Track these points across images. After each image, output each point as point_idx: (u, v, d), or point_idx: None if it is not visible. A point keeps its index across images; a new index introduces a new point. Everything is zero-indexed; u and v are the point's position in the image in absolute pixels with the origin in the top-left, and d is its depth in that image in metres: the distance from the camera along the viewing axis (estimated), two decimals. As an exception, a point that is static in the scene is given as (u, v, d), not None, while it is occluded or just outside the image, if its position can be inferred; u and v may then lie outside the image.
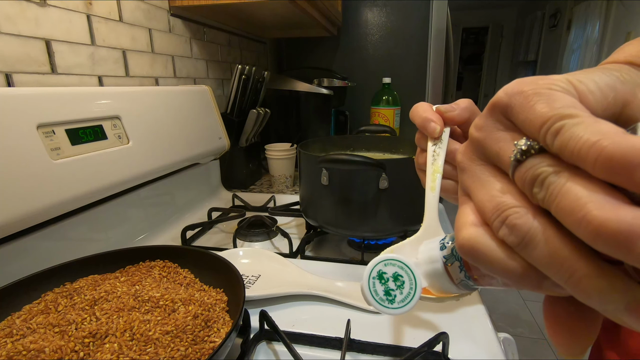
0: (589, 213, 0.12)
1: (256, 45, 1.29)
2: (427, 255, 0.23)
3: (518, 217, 0.15)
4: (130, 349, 0.31)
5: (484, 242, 0.16)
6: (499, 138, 0.16)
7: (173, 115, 0.70)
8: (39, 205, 0.43)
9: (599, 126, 0.13)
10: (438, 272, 0.22)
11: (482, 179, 0.17)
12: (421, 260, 0.23)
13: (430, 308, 0.46)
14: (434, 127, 0.28)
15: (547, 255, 0.14)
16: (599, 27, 3.19)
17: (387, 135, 0.73)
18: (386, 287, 0.24)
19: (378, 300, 0.24)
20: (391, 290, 0.24)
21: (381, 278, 0.24)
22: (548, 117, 0.14)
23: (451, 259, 0.21)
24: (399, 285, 0.24)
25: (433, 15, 1.24)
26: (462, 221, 0.17)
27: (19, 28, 0.50)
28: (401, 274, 0.24)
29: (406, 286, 0.23)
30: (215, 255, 0.45)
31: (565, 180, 0.13)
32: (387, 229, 0.56)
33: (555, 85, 0.15)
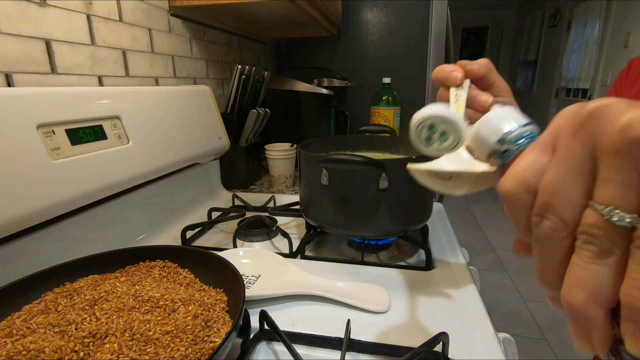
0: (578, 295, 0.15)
1: (256, 45, 1.29)
2: (485, 135, 0.22)
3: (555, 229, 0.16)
4: (130, 349, 0.31)
5: (518, 208, 0.17)
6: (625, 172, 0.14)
7: (173, 115, 0.70)
8: (39, 205, 0.43)
9: None
10: (481, 150, 0.22)
11: (575, 168, 0.16)
12: (477, 132, 0.23)
13: (430, 308, 0.46)
14: (457, 75, 0.32)
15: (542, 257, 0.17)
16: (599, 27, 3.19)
17: (387, 135, 0.73)
18: (430, 135, 0.26)
19: (418, 140, 0.26)
20: (433, 139, 0.26)
21: (431, 128, 0.26)
22: None
23: (498, 156, 0.21)
24: (442, 140, 0.26)
25: (433, 15, 1.24)
26: (522, 173, 0.17)
27: (19, 28, 0.50)
28: (449, 135, 0.25)
29: (446, 144, 0.25)
30: (215, 255, 0.45)
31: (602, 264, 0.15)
32: (387, 229, 0.56)
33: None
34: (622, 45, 2.90)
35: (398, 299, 0.47)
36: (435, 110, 0.26)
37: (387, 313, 0.45)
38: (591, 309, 0.15)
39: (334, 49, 1.38)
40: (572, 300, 0.15)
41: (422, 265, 0.56)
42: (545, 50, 4.38)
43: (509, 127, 0.21)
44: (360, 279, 0.53)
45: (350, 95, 1.36)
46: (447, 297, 0.48)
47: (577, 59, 3.59)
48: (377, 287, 0.49)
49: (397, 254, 0.62)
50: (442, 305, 0.46)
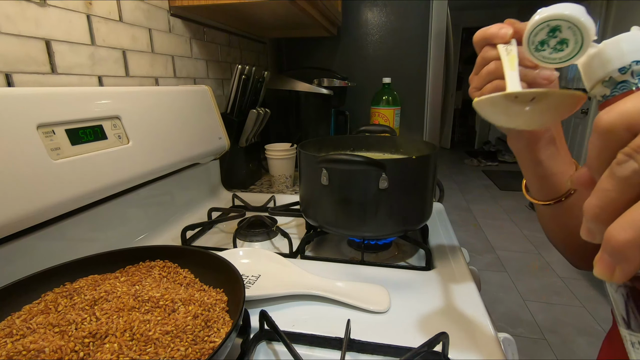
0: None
1: (256, 45, 1.29)
2: (609, 55, 0.20)
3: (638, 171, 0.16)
4: (130, 349, 0.31)
5: (612, 141, 0.17)
6: None
7: (173, 115, 0.70)
8: (39, 205, 0.43)
9: None
10: (594, 76, 0.21)
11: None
12: (602, 49, 0.21)
13: (430, 308, 0.46)
14: (506, 31, 0.31)
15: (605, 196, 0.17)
16: (599, 27, 3.19)
17: (387, 135, 0.73)
18: (546, 39, 0.23)
19: (529, 40, 0.23)
20: (548, 46, 0.23)
21: (553, 31, 0.23)
22: None
23: (611, 84, 0.20)
24: (556, 49, 0.23)
25: (433, 15, 1.24)
26: (632, 106, 0.17)
27: (19, 28, 0.50)
28: (570, 45, 0.22)
29: (559, 55, 0.22)
30: (215, 255, 0.45)
31: None
32: (387, 229, 0.56)
33: None
34: (622, 45, 2.89)
35: (398, 299, 0.47)
36: (573, 12, 0.22)
37: (387, 313, 0.45)
38: (633, 249, 0.16)
39: (334, 49, 1.38)
40: (618, 236, 0.16)
41: (422, 265, 0.56)
42: (545, 50, 4.37)
43: (619, 67, 0.20)
44: (360, 279, 0.53)
45: (350, 95, 1.36)
46: (447, 297, 0.48)
47: (577, 59, 3.58)
48: (377, 287, 0.49)
49: (397, 254, 0.62)
50: (442, 305, 0.46)
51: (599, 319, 1.78)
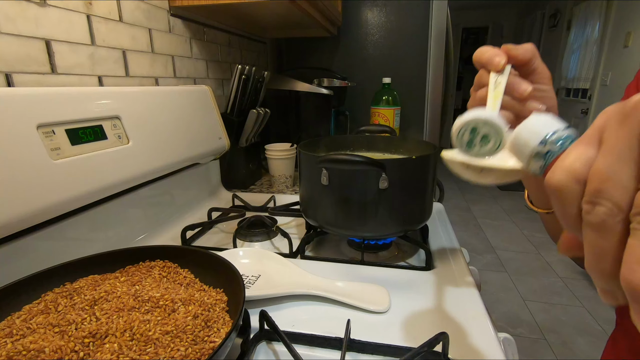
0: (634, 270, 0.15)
1: (256, 45, 1.29)
2: (526, 137, 0.23)
3: (608, 214, 0.16)
4: (130, 349, 0.31)
5: (569, 199, 0.17)
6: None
7: (173, 115, 0.70)
8: (39, 205, 0.43)
9: None
10: (522, 155, 0.23)
11: (625, 156, 0.16)
12: (519, 135, 0.23)
13: (430, 308, 0.46)
14: (499, 60, 0.31)
15: (596, 245, 0.16)
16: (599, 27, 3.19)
17: (387, 135, 0.73)
18: (472, 138, 0.26)
19: (458, 142, 0.27)
20: (474, 143, 0.26)
21: (473, 131, 0.26)
22: None
23: (539, 158, 0.22)
24: (483, 143, 0.26)
25: (433, 15, 1.24)
26: (570, 164, 0.18)
27: (19, 28, 0.50)
28: (491, 139, 0.25)
29: (489, 146, 0.25)
30: (215, 255, 0.45)
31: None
32: (387, 229, 0.56)
33: None
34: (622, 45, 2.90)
35: (398, 299, 0.47)
36: (478, 114, 0.26)
37: (387, 313, 0.45)
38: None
39: (334, 49, 1.38)
40: (634, 278, 0.15)
41: (422, 265, 0.56)
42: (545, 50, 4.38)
43: (551, 129, 0.22)
44: (360, 279, 0.53)
45: (350, 95, 1.36)
46: (447, 297, 0.48)
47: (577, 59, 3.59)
48: (377, 287, 0.49)
49: (397, 254, 0.62)
50: (442, 305, 0.46)
51: (599, 319, 1.78)
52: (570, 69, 3.72)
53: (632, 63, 2.73)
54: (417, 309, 0.46)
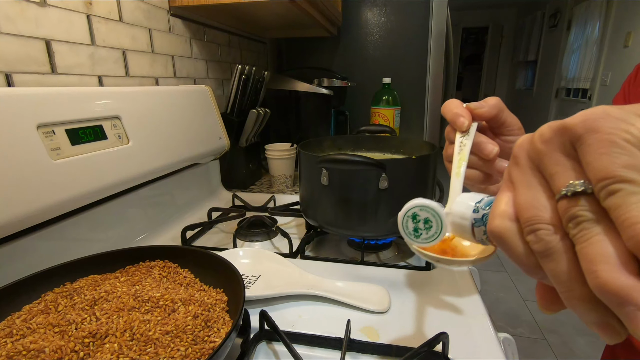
0: (600, 271, 0.14)
1: (256, 45, 1.29)
2: (460, 211, 0.25)
3: (547, 234, 0.17)
4: (130, 349, 0.31)
5: (512, 237, 0.19)
6: (559, 162, 0.17)
7: (173, 115, 0.70)
8: (39, 205, 0.43)
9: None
10: (465, 229, 0.25)
11: (531, 183, 0.18)
12: (454, 211, 0.26)
13: (430, 308, 0.46)
14: (463, 121, 0.31)
15: (558, 271, 0.17)
16: (599, 27, 3.19)
17: (387, 135, 0.73)
18: (416, 226, 0.28)
19: (406, 233, 0.28)
20: (419, 229, 0.28)
21: (414, 218, 0.28)
22: (610, 175, 0.15)
23: (479, 223, 0.24)
24: (427, 227, 0.28)
25: (433, 15, 1.24)
26: (500, 209, 0.20)
27: (19, 28, 0.50)
28: (432, 220, 0.27)
29: (433, 229, 0.27)
30: (215, 255, 0.45)
31: (598, 232, 0.15)
32: (387, 229, 0.56)
33: (632, 136, 0.15)
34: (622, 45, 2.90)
35: (398, 299, 0.47)
36: (412, 202, 0.28)
37: (387, 313, 0.45)
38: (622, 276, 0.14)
39: (334, 49, 1.38)
40: (602, 281, 0.15)
41: (422, 265, 0.56)
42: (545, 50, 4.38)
43: (477, 198, 0.25)
44: (360, 279, 0.53)
45: (350, 95, 1.36)
46: (447, 297, 0.48)
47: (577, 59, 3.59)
48: (377, 287, 0.49)
49: (397, 254, 0.62)
50: (442, 305, 0.46)
51: (599, 319, 1.78)
52: (570, 69, 3.72)
53: (632, 63, 2.73)
54: (417, 309, 0.46)
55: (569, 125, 0.17)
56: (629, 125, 0.15)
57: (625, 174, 0.15)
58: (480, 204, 0.25)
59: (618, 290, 0.14)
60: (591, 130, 0.16)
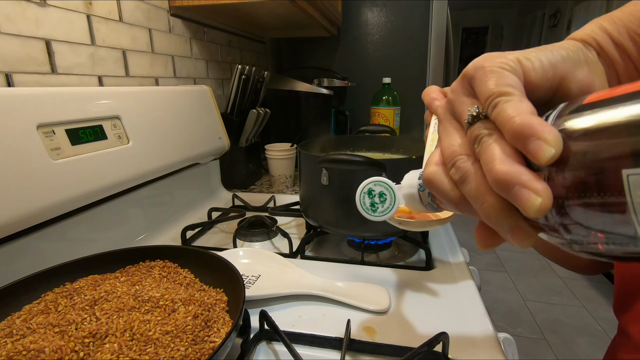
0: (494, 165, 0.18)
1: (256, 45, 1.29)
2: (408, 182, 0.29)
3: (462, 162, 0.21)
4: (130, 349, 0.31)
5: (438, 177, 0.23)
6: (463, 102, 0.22)
7: (173, 115, 0.70)
8: (39, 205, 0.43)
9: (520, 105, 0.18)
10: (413, 196, 0.28)
11: (449, 130, 0.23)
12: (403, 184, 0.29)
13: (430, 308, 0.46)
14: (438, 104, 0.33)
15: (472, 189, 0.20)
16: (599, 27, 3.18)
17: (387, 135, 0.73)
18: (372, 200, 0.31)
19: (364, 209, 0.32)
20: (375, 203, 0.31)
21: (370, 194, 0.31)
22: (492, 93, 0.19)
23: (423, 187, 0.27)
24: (382, 200, 0.31)
25: (433, 15, 1.24)
26: (430, 160, 0.24)
27: (19, 28, 0.50)
28: (385, 193, 0.31)
29: (387, 202, 0.31)
30: (215, 255, 0.45)
31: (492, 141, 0.19)
32: (387, 229, 0.56)
33: (506, 64, 0.20)
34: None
35: (398, 299, 0.47)
36: (368, 179, 0.31)
37: (387, 313, 0.45)
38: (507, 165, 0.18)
39: (334, 49, 1.38)
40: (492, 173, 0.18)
41: (422, 265, 0.56)
42: (545, 50, 4.36)
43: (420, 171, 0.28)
44: (360, 279, 0.53)
45: (350, 95, 1.36)
46: (447, 297, 0.48)
47: (577, 59, 3.58)
48: (377, 287, 0.49)
49: (397, 254, 0.62)
50: (442, 305, 0.46)
51: (599, 319, 1.78)
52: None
53: (632, 63, 2.73)
54: (417, 309, 0.46)
55: (464, 72, 0.22)
56: (504, 58, 0.20)
57: (502, 89, 0.19)
58: (420, 180, 0.28)
59: (505, 176, 0.17)
60: (478, 67, 0.21)
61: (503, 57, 0.20)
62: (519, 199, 0.17)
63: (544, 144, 0.16)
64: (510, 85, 0.19)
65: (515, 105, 0.18)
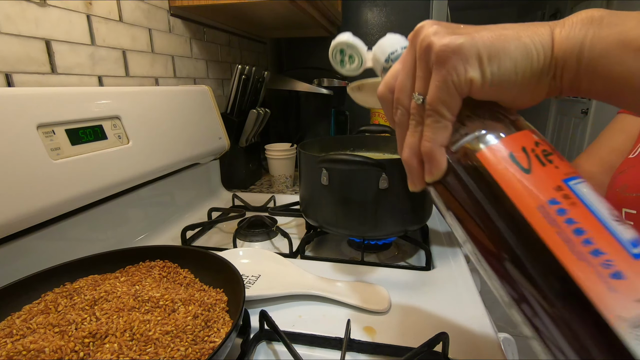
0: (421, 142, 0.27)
1: (256, 45, 1.29)
2: (377, 56, 0.32)
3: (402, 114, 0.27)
4: (130, 349, 0.31)
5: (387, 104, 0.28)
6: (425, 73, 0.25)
7: (173, 115, 0.70)
8: (39, 205, 0.43)
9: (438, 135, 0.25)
10: (377, 70, 0.34)
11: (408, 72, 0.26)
12: (374, 55, 0.33)
13: (430, 308, 0.46)
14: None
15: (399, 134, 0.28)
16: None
17: (387, 135, 0.73)
18: (342, 58, 0.36)
19: (334, 61, 0.37)
20: (344, 61, 0.36)
21: (342, 52, 0.36)
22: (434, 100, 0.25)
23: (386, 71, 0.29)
24: (350, 61, 0.36)
25: (433, 15, 1.24)
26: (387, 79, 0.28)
27: (19, 28, 0.50)
28: (355, 57, 0.35)
29: (355, 64, 0.36)
30: (215, 255, 0.45)
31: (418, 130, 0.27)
32: (387, 229, 0.56)
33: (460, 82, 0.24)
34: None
35: (398, 299, 0.47)
36: (342, 38, 0.35)
37: (387, 313, 0.45)
38: (412, 159, 0.27)
39: (334, 49, 1.37)
40: (404, 156, 0.27)
41: (422, 265, 0.56)
42: (545, 50, 4.36)
43: (393, 48, 0.30)
44: (360, 279, 0.53)
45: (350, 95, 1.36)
46: (447, 297, 0.48)
47: (577, 59, 3.58)
48: (377, 287, 0.49)
49: (397, 254, 0.62)
50: (442, 305, 0.46)
51: (599, 319, 1.78)
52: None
53: (632, 63, 2.73)
54: (417, 309, 0.46)
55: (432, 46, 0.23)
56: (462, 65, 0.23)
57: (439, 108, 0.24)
58: (393, 55, 0.30)
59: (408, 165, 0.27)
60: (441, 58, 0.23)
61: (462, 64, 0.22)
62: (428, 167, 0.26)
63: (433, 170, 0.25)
64: (447, 109, 0.24)
65: (435, 133, 0.24)
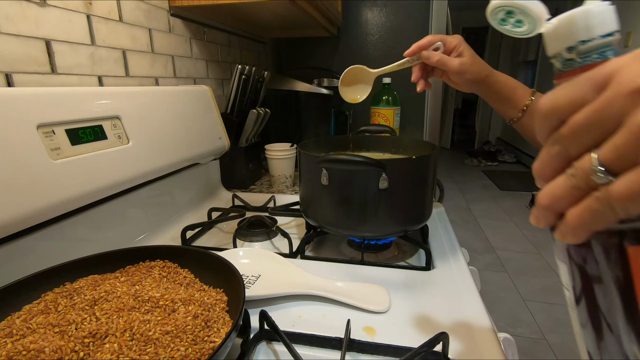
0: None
1: (256, 45, 1.29)
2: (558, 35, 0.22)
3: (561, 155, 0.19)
4: (130, 349, 0.31)
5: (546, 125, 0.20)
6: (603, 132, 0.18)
7: (173, 115, 0.70)
8: (39, 205, 0.43)
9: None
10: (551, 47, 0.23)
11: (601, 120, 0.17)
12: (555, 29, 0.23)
13: (430, 308, 0.46)
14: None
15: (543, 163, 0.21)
16: (599, 27, 3.18)
17: (387, 135, 0.73)
18: (505, 18, 0.29)
19: (492, 17, 0.29)
20: (507, 21, 0.29)
21: (509, 13, 0.28)
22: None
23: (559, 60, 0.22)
24: (515, 26, 0.28)
25: (433, 15, 1.24)
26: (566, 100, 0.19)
27: (19, 28, 0.50)
28: (524, 25, 0.27)
29: (518, 30, 0.28)
30: (215, 255, 0.45)
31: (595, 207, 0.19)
32: (387, 229, 0.56)
33: None
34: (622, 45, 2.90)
35: (398, 299, 0.47)
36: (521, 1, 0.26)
37: (387, 313, 0.45)
38: (547, 211, 0.20)
39: (334, 49, 1.37)
40: (540, 200, 0.20)
41: (422, 265, 0.56)
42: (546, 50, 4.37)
43: (587, 35, 0.20)
44: (360, 279, 0.53)
45: (350, 95, 1.36)
46: (447, 297, 0.48)
47: (577, 59, 3.58)
48: (377, 287, 0.49)
49: (397, 254, 0.62)
50: (442, 305, 0.46)
51: (599, 319, 1.78)
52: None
53: (632, 63, 2.73)
54: (417, 309, 0.46)
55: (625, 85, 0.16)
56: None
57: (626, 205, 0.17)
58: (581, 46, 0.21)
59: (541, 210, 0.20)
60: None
61: None
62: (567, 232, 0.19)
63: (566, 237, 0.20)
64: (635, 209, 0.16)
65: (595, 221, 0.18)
